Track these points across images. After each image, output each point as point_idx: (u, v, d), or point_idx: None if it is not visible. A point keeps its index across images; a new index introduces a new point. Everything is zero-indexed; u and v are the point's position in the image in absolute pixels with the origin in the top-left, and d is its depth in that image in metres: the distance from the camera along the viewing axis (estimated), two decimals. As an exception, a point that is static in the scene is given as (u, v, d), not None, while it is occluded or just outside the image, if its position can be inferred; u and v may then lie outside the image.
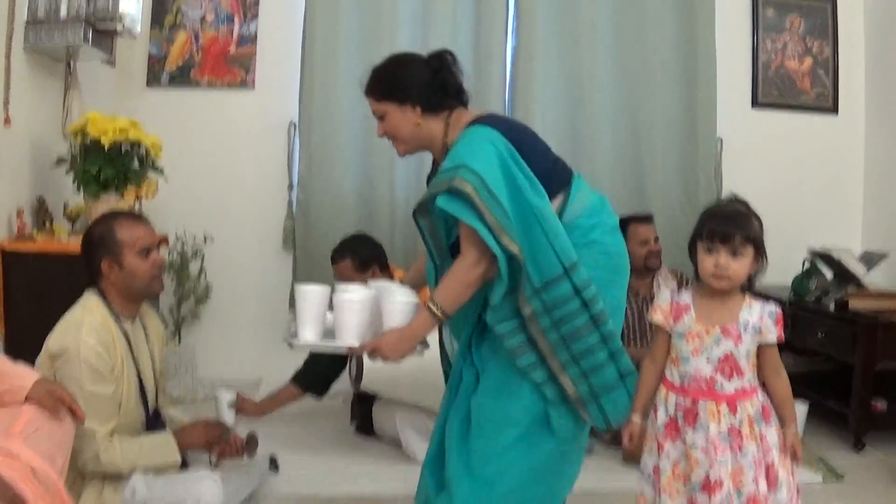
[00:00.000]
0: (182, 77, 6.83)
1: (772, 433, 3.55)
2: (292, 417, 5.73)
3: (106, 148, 5.15)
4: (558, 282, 3.48)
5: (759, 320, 3.53)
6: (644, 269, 5.98)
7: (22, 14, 5.20)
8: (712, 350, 3.53)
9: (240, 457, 4.23)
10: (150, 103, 6.71)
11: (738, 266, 3.48)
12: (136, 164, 5.37)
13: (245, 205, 6.86)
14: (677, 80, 6.78)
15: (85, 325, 3.70)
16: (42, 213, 5.41)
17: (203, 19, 6.84)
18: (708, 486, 3.48)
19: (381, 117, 3.84)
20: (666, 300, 3.70)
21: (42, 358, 3.68)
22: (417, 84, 3.78)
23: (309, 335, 3.75)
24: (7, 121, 4.98)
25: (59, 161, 5.33)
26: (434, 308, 3.52)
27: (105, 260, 3.86)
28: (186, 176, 6.40)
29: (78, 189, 5.31)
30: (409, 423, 5.25)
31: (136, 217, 4.02)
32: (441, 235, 3.76)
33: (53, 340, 3.70)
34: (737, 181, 6.74)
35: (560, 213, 3.60)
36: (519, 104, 6.75)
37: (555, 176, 3.67)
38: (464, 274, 3.51)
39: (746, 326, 3.52)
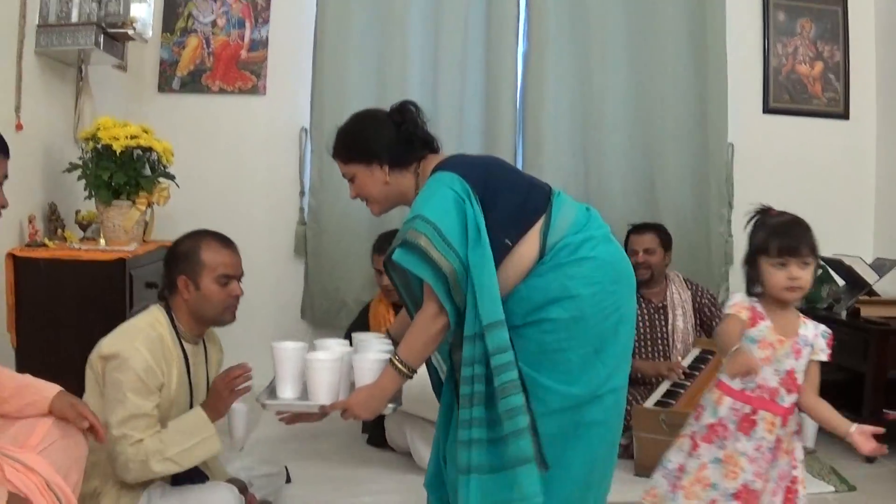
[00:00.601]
0: (193, 82, 6.83)
1: (799, 449, 3.65)
2: (304, 428, 5.72)
3: (117, 153, 5.14)
4: (471, 341, 3.41)
5: (814, 337, 3.62)
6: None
7: (33, 18, 5.19)
8: (782, 362, 3.62)
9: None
10: (161, 108, 6.71)
11: (807, 276, 3.59)
12: (147, 169, 5.36)
13: (257, 211, 6.85)
14: (688, 85, 6.77)
15: (142, 336, 3.68)
16: (54, 220, 5.40)
17: (214, 24, 6.84)
18: (742, 495, 3.53)
19: (350, 179, 3.83)
20: (746, 301, 3.71)
21: (94, 357, 3.68)
22: (382, 142, 3.76)
23: (287, 393, 3.73)
24: (19, 126, 4.97)
25: (71, 167, 5.32)
26: (399, 365, 3.49)
27: (183, 276, 3.85)
28: (198, 182, 6.39)
29: (90, 195, 5.30)
30: (419, 435, 5.24)
31: (226, 242, 4.03)
32: (415, 286, 3.67)
33: (108, 343, 3.67)
34: (748, 187, 6.73)
35: (544, 237, 3.52)
36: (529, 111, 6.75)
37: (531, 204, 3.60)
38: (425, 328, 3.48)
39: (805, 342, 3.62)
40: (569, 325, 3.44)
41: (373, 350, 3.85)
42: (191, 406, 3.85)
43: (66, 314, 4.66)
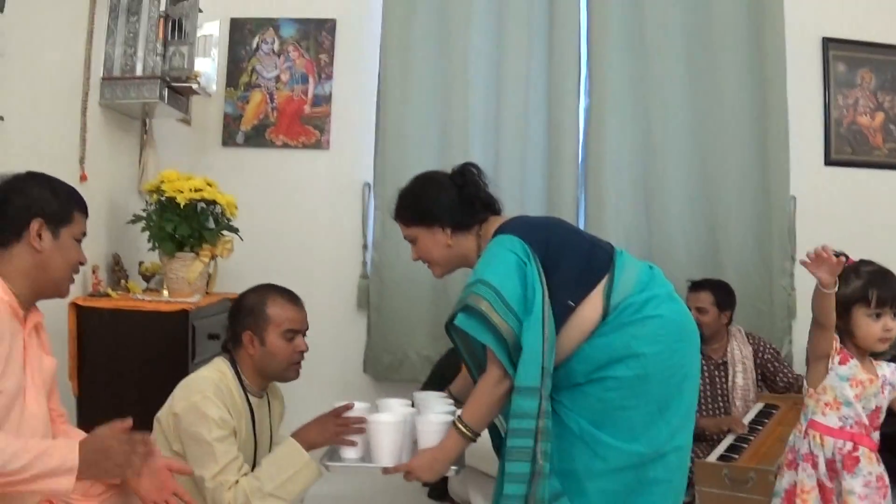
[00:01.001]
0: (257, 137, 6.85)
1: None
2: (364, 482, 5.68)
3: (181, 206, 5.18)
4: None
5: (892, 376, 3.65)
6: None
7: (98, 70, 5.26)
8: (870, 400, 3.69)
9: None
10: (225, 162, 6.73)
11: None
12: (211, 222, 5.39)
13: (319, 265, 6.84)
14: (749, 139, 6.70)
15: (213, 387, 3.65)
16: (117, 271, 5.44)
17: (278, 79, 6.86)
18: None
19: (412, 241, 3.85)
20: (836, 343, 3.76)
21: (164, 414, 3.66)
22: (444, 205, 3.77)
23: (350, 454, 3.75)
24: (83, 177, 5.02)
25: (135, 218, 5.34)
26: (463, 429, 3.48)
27: (248, 331, 3.84)
28: (261, 235, 6.40)
29: (153, 247, 5.33)
30: (479, 489, 5.18)
31: (293, 297, 4.02)
32: (477, 350, 3.65)
33: (179, 397, 3.66)
34: (811, 240, 6.62)
35: (607, 297, 3.50)
36: (591, 166, 6.70)
37: (593, 264, 3.59)
38: (489, 393, 3.47)
39: (885, 381, 3.72)
40: (632, 383, 3.42)
41: (435, 411, 3.82)
42: (254, 461, 3.81)
43: (127, 364, 4.68)
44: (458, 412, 3.59)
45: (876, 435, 3.71)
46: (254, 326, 3.82)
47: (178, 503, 3.15)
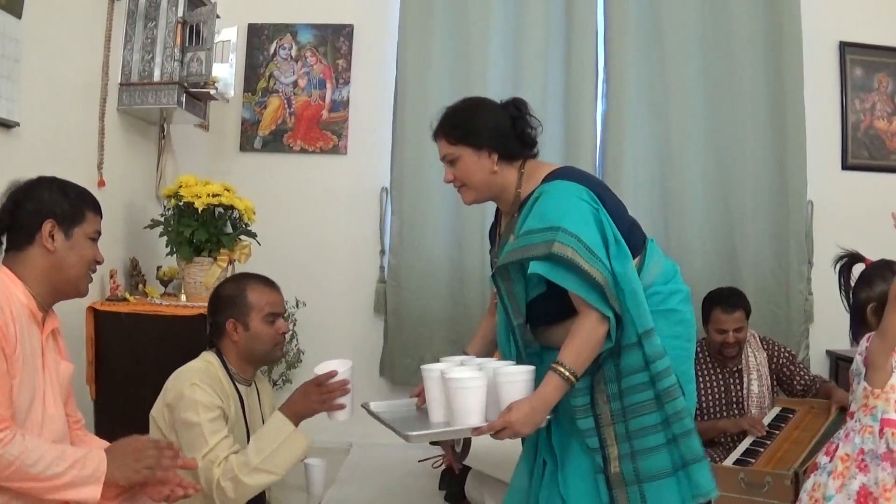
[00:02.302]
0: (275, 142, 6.86)
1: None
2: (380, 486, 5.68)
3: (199, 211, 5.19)
4: (630, 349, 3.38)
5: None
6: (718, 355, 5.81)
7: (115, 76, 5.28)
8: None
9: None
10: (242, 167, 6.75)
11: None
12: (228, 227, 5.40)
13: (337, 270, 6.86)
14: (766, 144, 6.70)
15: (199, 374, 3.72)
16: (135, 275, 5.46)
17: (295, 85, 6.88)
18: None
19: (451, 161, 3.69)
20: None
21: (157, 411, 3.73)
22: (496, 130, 3.64)
23: (436, 417, 3.51)
24: (101, 182, 5.03)
25: (153, 223, 5.36)
26: (565, 371, 3.28)
27: (231, 320, 3.89)
28: (279, 240, 6.41)
29: (171, 252, 5.35)
30: (494, 496, 5.17)
31: (269, 282, 4.07)
32: (519, 296, 3.58)
33: (169, 389, 3.72)
34: (828, 244, 6.63)
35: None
36: (609, 171, 6.70)
37: (633, 238, 3.55)
38: (591, 332, 3.31)
39: None
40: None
41: (510, 368, 3.48)
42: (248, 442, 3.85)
43: (144, 368, 4.69)
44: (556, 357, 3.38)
45: None
46: (236, 314, 3.89)
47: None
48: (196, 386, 3.62)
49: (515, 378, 3.37)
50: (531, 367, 3.41)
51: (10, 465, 2.69)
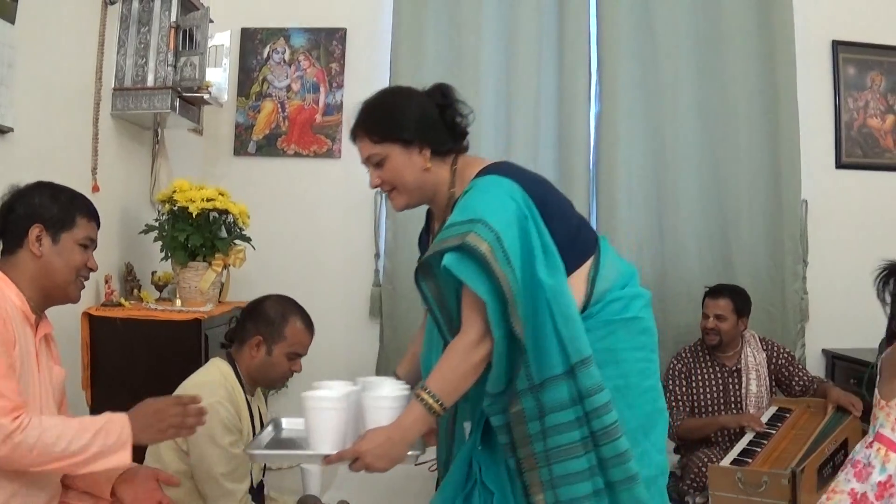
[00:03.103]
0: (269, 146, 6.86)
1: None
2: (377, 482, 5.64)
3: (194, 216, 5.19)
4: (556, 382, 2.96)
5: None
6: (707, 347, 5.87)
7: (109, 81, 5.28)
8: None
9: None
10: (237, 171, 6.75)
11: None
12: (223, 231, 5.40)
13: (332, 273, 6.85)
14: (760, 143, 6.71)
15: (220, 389, 3.75)
16: (130, 280, 5.45)
17: (289, 89, 6.88)
18: None
19: (378, 163, 3.25)
20: None
21: None
22: (424, 121, 3.22)
23: (322, 445, 3.02)
24: (95, 187, 5.03)
25: (147, 228, 5.36)
26: (429, 399, 2.91)
27: (259, 337, 3.93)
28: (273, 244, 6.42)
29: (166, 256, 5.34)
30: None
31: (310, 324, 4.11)
32: (451, 304, 3.14)
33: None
34: (822, 243, 6.65)
35: (592, 282, 3.15)
36: (603, 172, 6.70)
37: (581, 239, 3.23)
38: (464, 355, 2.94)
39: None
40: (612, 396, 3.02)
41: (386, 389, 3.15)
42: None
43: (140, 373, 4.70)
44: (421, 383, 3.03)
45: None
46: (266, 335, 3.92)
47: None
48: (221, 405, 3.67)
49: (380, 404, 3.02)
50: (402, 393, 3.09)
51: (33, 449, 2.72)
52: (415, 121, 3.20)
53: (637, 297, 3.28)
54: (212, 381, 3.81)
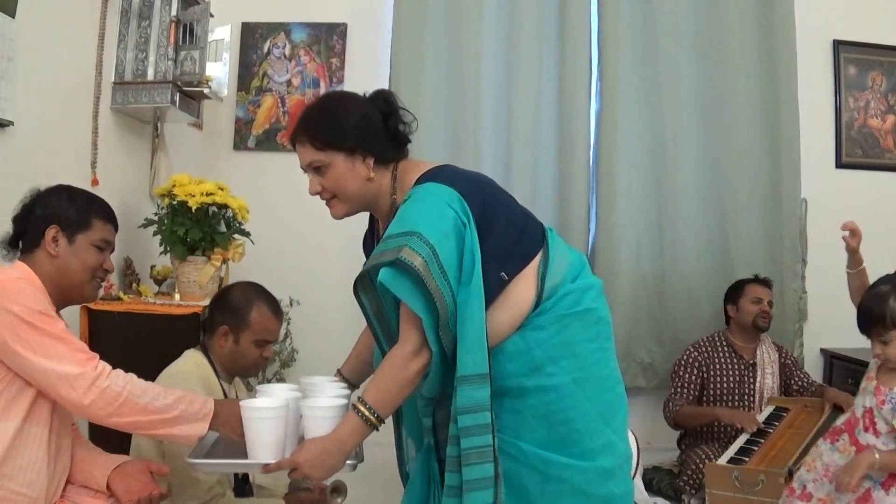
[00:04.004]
0: (269, 141, 6.86)
1: None
2: (378, 477, 5.64)
3: (193, 210, 5.19)
4: (448, 397, 2.98)
5: None
6: (752, 329, 5.91)
7: (109, 75, 5.27)
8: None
9: None
10: (236, 166, 6.74)
11: None
12: (222, 226, 5.40)
13: (331, 268, 6.83)
14: (760, 142, 6.71)
15: (193, 377, 3.80)
16: (129, 274, 5.45)
17: (289, 83, 6.88)
18: None
19: (317, 169, 3.22)
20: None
21: None
22: (369, 130, 3.19)
23: (261, 454, 3.02)
24: (94, 181, 5.03)
25: (147, 222, 5.36)
26: (366, 411, 2.91)
27: (225, 327, 3.97)
28: (273, 239, 6.40)
29: (165, 251, 5.35)
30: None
31: (276, 309, 4.13)
32: (389, 316, 3.16)
33: None
34: (822, 243, 6.65)
35: (542, 278, 3.10)
36: (603, 170, 6.71)
37: (528, 236, 3.18)
38: (400, 368, 2.94)
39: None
40: (571, 390, 3.07)
41: (326, 394, 3.22)
42: None
43: (139, 367, 4.62)
44: (356, 393, 3.17)
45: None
46: (232, 324, 3.96)
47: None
48: (192, 392, 3.63)
49: (316, 413, 3.03)
50: (340, 403, 3.09)
51: (119, 396, 2.85)
52: (359, 129, 3.18)
53: (589, 287, 3.23)
54: (184, 370, 3.87)
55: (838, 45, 6.94)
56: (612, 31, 6.74)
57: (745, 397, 5.82)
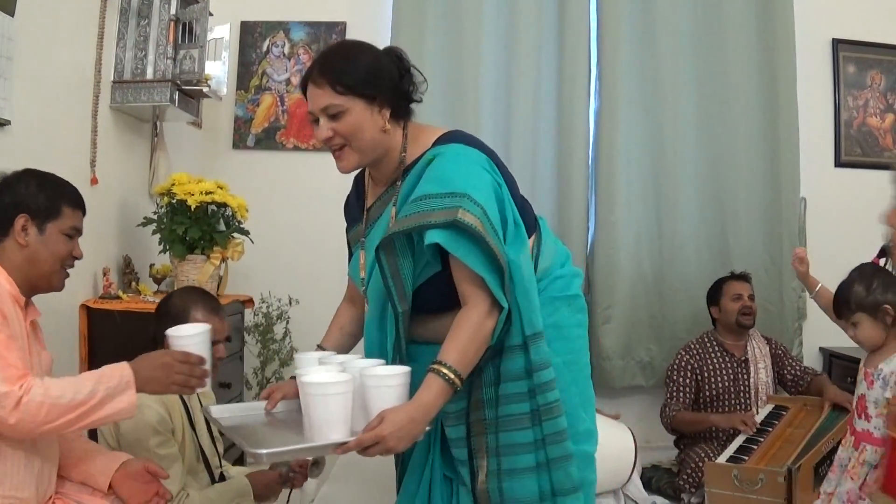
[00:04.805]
0: (268, 139, 6.84)
1: None
2: (373, 474, 5.62)
3: (192, 209, 5.19)
4: (514, 352, 2.94)
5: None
6: (736, 327, 5.91)
7: (108, 74, 5.27)
8: None
9: (304, 478, 4.14)
10: (236, 165, 6.73)
11: None
12: (222, 225, 5.40)
13: (330, 267, 6.79)
14: (759, 140, 6.71)
15: None
16: (128, 273, 5.45)
17: (288, 82, 6.87)
18: None
19: (334, 115, 2.99)
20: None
21: (107, 425, 3.67)
22: (391, 82, 3.06)
23: (334, 434, 2.74)
24: (94, 180, 5.03)
25: (146, 221, 5.36)
26: (449, 372, 2.76)
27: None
28: (272, 238, 6.40)
29: (164, 249, 5.35)
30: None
31: (215, 307, 4.01)
32: (406, 276, 2.99)
33: None
34: (821, 241, 6.64)
35: (535, 259, 3.13)
36: (602, 168, 6.70)
37: (526, 216, 3.13)
38: (479, 326, 2.83)
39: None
40: (562, 372, 3.04)
41: (380, 370, 2.85)
42: (199, 446, 3.91)
43: (138, 366, 4.68)
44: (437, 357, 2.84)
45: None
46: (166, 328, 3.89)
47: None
48: (145, 406, 3.58)
49: (387, 382, 2.77)
50: (406, 369, 2.83)
51: (42, 406, 2.74)
52: (383, 79, 3.03)
53: (577, 275, 3.27)
54: None
55: (837, 44, 6.95)
56: (612, 29, 6.74)
57: (741, 395, 5.82)
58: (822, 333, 6.68)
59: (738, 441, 5.27)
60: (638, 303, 6.67)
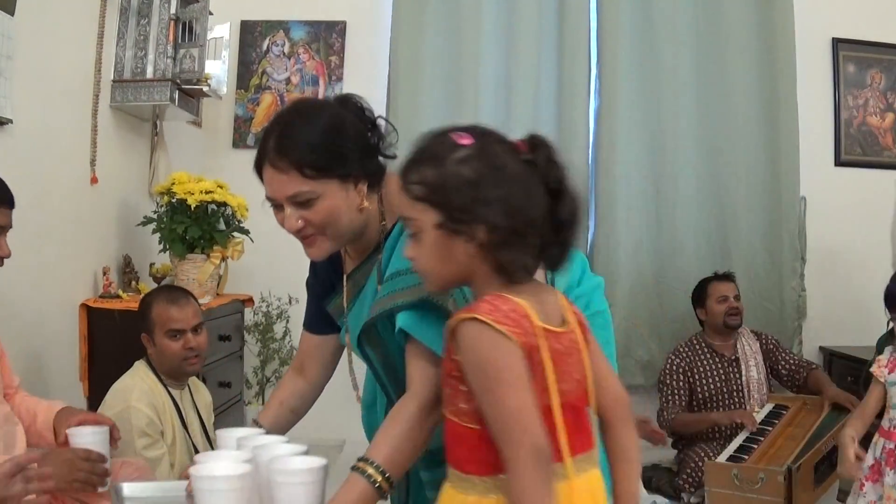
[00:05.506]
0: (268, 139, 6.82)
1: None
2: None
3: (192, 208, 5.19)
4: None
5: None
6: (724, 328, 5.90)
7: (108, 73, 5.27)
8: None
9: None
10: (236, 164, 6.69)
11: None
12: (222, 224, 5.40)
13: (330, 266, 6.83)
14: (759, 139, 6.71)
15: (135, 391, 3.80)
16: (128, 272, 5.44)
17: (288, 81, 6.87)
18: None
19: (305, 202, 2.46)
20: (886, 355, 4.03)
21: None
22: (365, 149, 2.53)
23: None
24: (94, 179, 5.03)
25: (146, 220, 5.36)
26: (375, 474, 2.26)
27: (144, 334, 4.00)
28: (272, 237, 6.31)
29: (164, 249, 5.35)
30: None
31: (174, 298, 4.05)
32: (397, 363, 2.53)
33: (106, 409, 3.75)
34: (821, 241, 6.64)
35: (551, 283, 2.49)
36: (602, 167, 6.71)
37: None
38: (417, 422, 2.32)
39: None
40: None
41: (292, 461, 2.37)
42: (191, 443, 3.95)
43: (138, 365, 4.68)
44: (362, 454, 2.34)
45: None
46: (146, 329, 3.99)
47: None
48: (133, 408, 3.68)
49: (295, 479, 2.28)
50: (322, 463, 2.31)
51: None
52: (351, 143, 2.49)
53: (597, 287, 2.90)
54: (124, 388, 3.85)
55: (837, 43, 6.94)
56: (612, 29, 6.74)
57: (735, 394, 5.82)
58: (822, 332, 6.69)
59: (738, 440, 5.27)
60: (637, 302, 6.66)
